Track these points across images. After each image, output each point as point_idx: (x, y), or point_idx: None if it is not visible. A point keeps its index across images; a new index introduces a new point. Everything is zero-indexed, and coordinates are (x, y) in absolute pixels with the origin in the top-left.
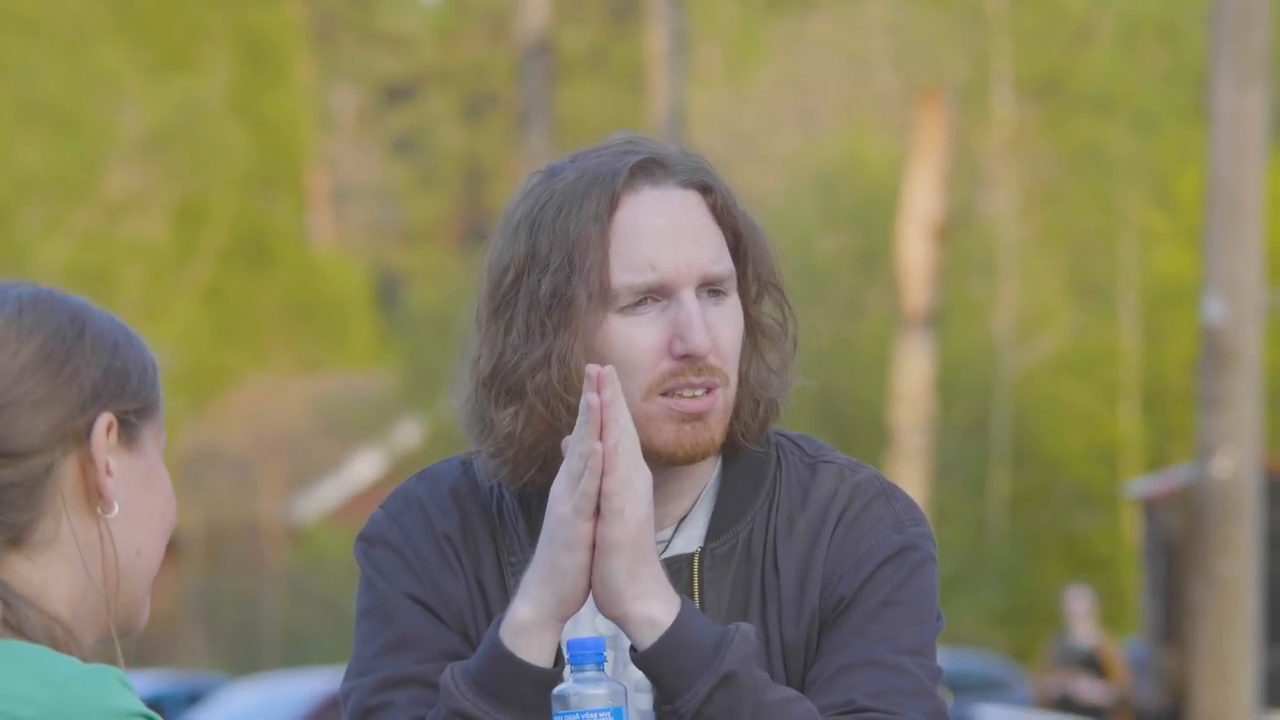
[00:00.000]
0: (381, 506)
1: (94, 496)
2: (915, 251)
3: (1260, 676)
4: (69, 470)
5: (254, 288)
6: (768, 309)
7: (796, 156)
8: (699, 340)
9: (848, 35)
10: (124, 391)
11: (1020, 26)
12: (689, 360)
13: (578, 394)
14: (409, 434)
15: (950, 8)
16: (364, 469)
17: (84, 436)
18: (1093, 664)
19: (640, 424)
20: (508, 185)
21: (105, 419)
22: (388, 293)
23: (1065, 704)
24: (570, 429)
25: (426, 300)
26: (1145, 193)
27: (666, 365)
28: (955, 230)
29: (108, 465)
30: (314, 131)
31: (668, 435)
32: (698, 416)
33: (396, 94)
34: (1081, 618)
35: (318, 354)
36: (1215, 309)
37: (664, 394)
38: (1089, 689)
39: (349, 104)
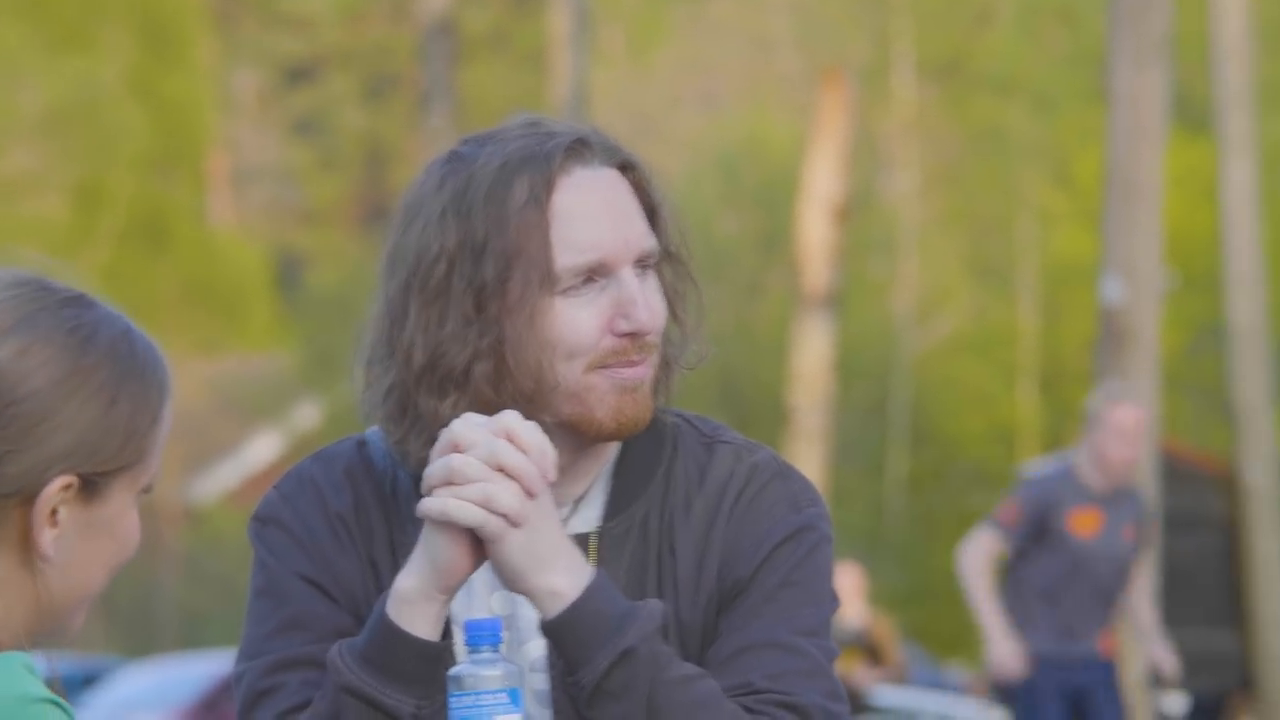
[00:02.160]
0: (275, 487)
1: (31, 543)
2: (815, 232)
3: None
4: (12, 515)
5: (153, 269)
6: (675, 282)
7: (698, 136)
8: (645, 318)
9: (750, 16)
10: (96, 456)
11: (921, 8)
12: (632, 337)
13: (525, 378)
14: (307, 415)
15: None
16: (262, 450)
17: (37, 490)
18: (864, 645)
19: (581, 399)
20: (409, 167)
21: (63, 480)
22: (288, 274)
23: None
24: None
25: (326, 282)
26: (1044, 174)
27: (609, 342)
28: (855, 211)
29: (53, 516)
30: (214, 113)
31: (609, 406)
32: (636, 387)
33: (297, 75)
34: (849, 596)
35: (216, 335)
36: (1113, 290)
37: (602, 367)
38: (863, 674)
39: (250, 85)
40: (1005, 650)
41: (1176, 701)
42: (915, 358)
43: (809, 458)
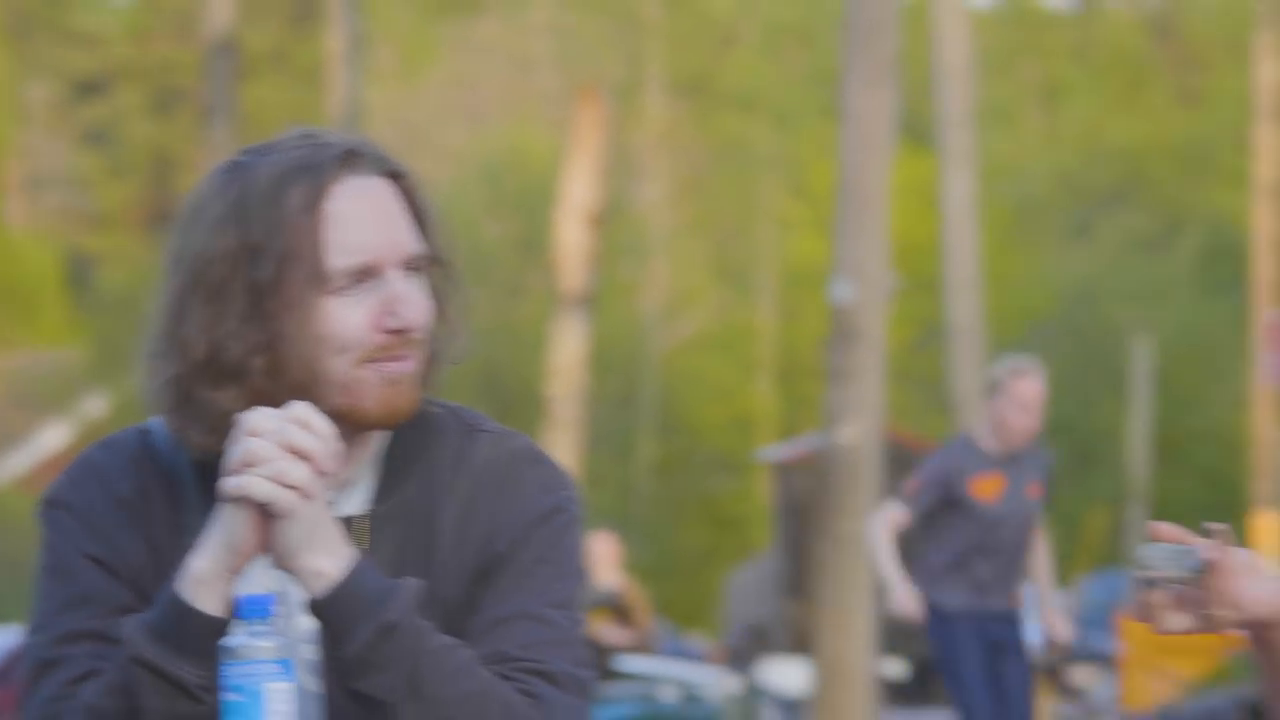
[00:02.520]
0: (63, 472)
1: None
2: (572, 237)
3: (878, 625)
4: None
5: None
6: (440, 283)
7: (464, 149)
8: (411, 316)
9: (512, 37)
10: None
11: (671, 30)
12: (399, 334)
13: (299, 371)
14: (96, 406)
15: (607, 12)
16: (52, 438)
17: None
18: (615, 606)
19: (351, 390)
20: (193, 175)
21: None
22: (78, 274)
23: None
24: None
25: (114, 282)
26: (783, 184)
27: (378, 339)
28: (609, 218)
29: None
30: (8, 123)
31: (377, 397)
32: (402, 380)
33: (88, 89)
34: (604, 562)
35: (10, 331)
36: (843, 291)
37: (373, 361)
38: (611, 633)
39: (42, 97)
40: (904, 595)
41: (1084, 673)
42: (662, 353)
43: (564, 445)
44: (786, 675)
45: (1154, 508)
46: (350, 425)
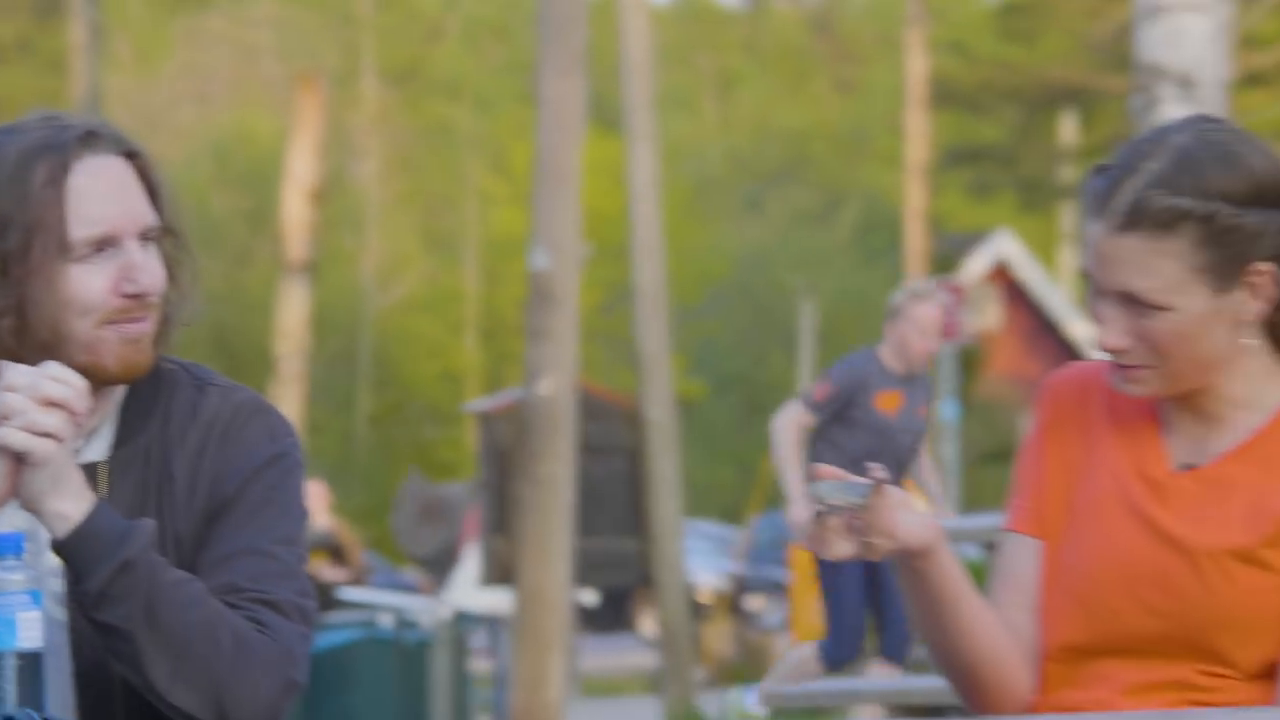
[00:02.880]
0: None
1: None
2: (294, 211)
3: (573, 558)
4: None
5: None
6: (173, 252)
7: (195, 131)
8: (146, 282)
9: (238, 29)
10: None
11: (382, 24)
12: (136, 298)
13: (44, 331)
14: None
15: (323, 7)
16: None
17: None
18: (329, 546)
19: (91, 350)
20: None
21: None
22: None
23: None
24: (35, 363)
25: None
26: (485, 163)
27: (116, 302)
28: (328, 193)
29: None
30: None
31: (116, 355)
32: (139, 339)
33: None
34: (317, 508)
35: None
36: (541, 259)
37: (111, 323)
38: (329, 572)
39: None
40: (800, 509)
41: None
42: (378, 315)
43: (288, 398)
44: (491, 602)
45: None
46: (92, 380)
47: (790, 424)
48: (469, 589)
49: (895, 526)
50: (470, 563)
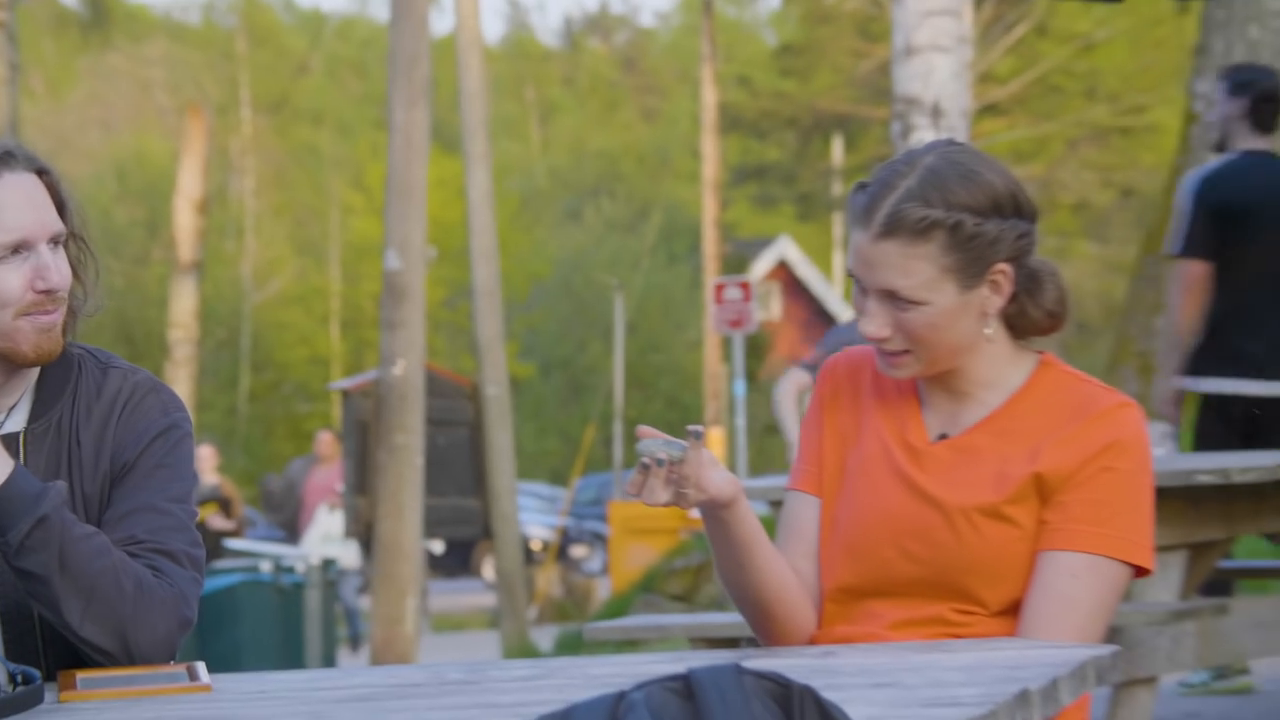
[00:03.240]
0: None
1: None
2: (185, 219)
3: (424, 514)
4: None
5: None
6: (79, 255)
7: (99, 152)
8: (55, 280)
9: (135, 66)
10: None
11: (257, 61)
12: (47, 294)
13: None
14: None
15: (208, 47)
16: None
17: None
18: (219, 499)
19: (10, 337)
20: None
21: None
22: None
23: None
24: None
25: None
26: (346, 180)
27: (30, 297)
28: (213, 204)
29: None
30: None
31: (31, 342)
32: (50, 328)
33: None
34: (206, 467)
35: None
36: (393, 260)
37: (25, 314)
38: (216, 521)
39: None
40: None
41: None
42: (255, 308)
43: (181, 378)
44: (353, 552)
45: (630, 425)
46: (10, 363)
47: (790, 387)
48: (317, 545)
49: (705, 481)
50: (317, 524)
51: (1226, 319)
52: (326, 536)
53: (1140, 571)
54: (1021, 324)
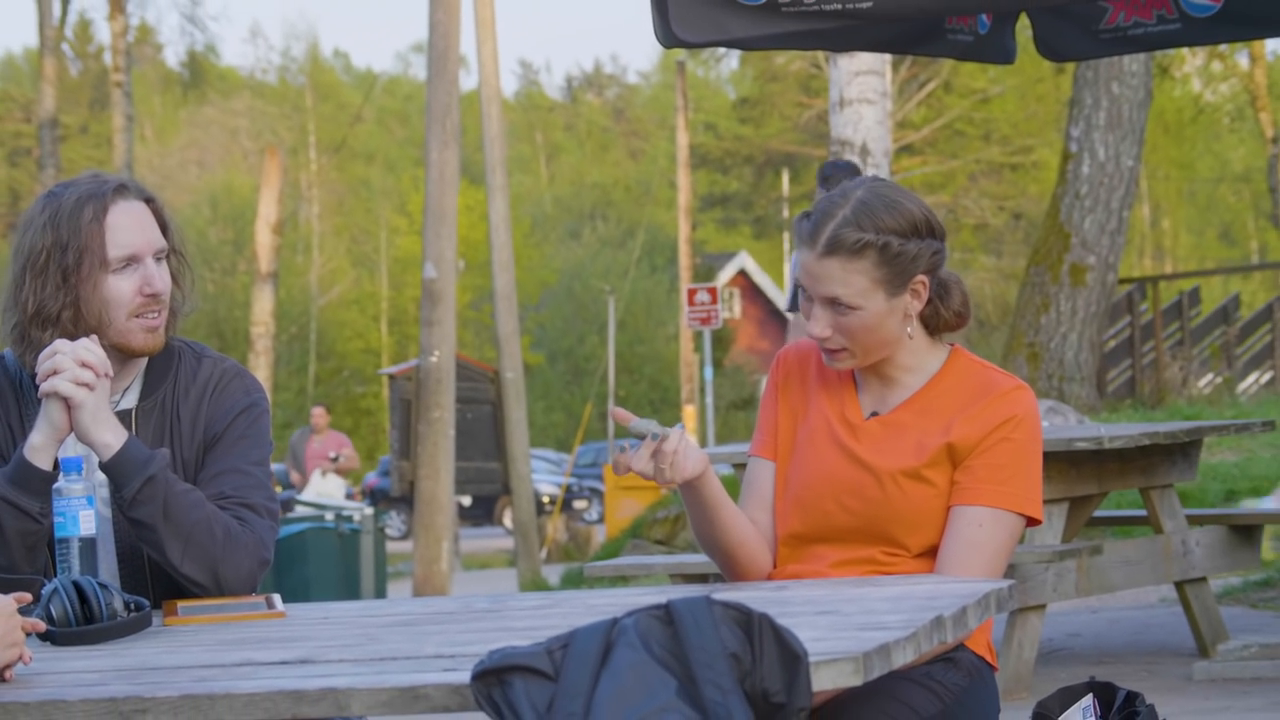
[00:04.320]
0: None
1: None
2: (264, 238)
3: (455, 474)
4: None
5: None
6: (179, 267)
7: (196, 185)
8: (160, 287)
9: (225, 116)
10: None
11: (321, 112)
12: (152, 298)
13: (92, 320)
14: None
15: (282, 101)
16: None
17: None
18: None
19: (123, 334)
20: (30, 202)
21: None
22: None
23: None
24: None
25: None
26: (392, 207)
27: (139, 301)
28: (286, 226)
29: None
30: None
31: (139, 340)
32: (156, 327)
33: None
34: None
35: None
36: (430, 271)
37: (136, 315)
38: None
39: None
40: None
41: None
42: (320, 309)
43: (261, 366)
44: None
45: (621, 402)
46: (124, 354)
47: None
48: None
49: (680, 465)
50: (312, 485)
51: None
52: (319, 494)
53: (1032, 521)
54: (935, 322)
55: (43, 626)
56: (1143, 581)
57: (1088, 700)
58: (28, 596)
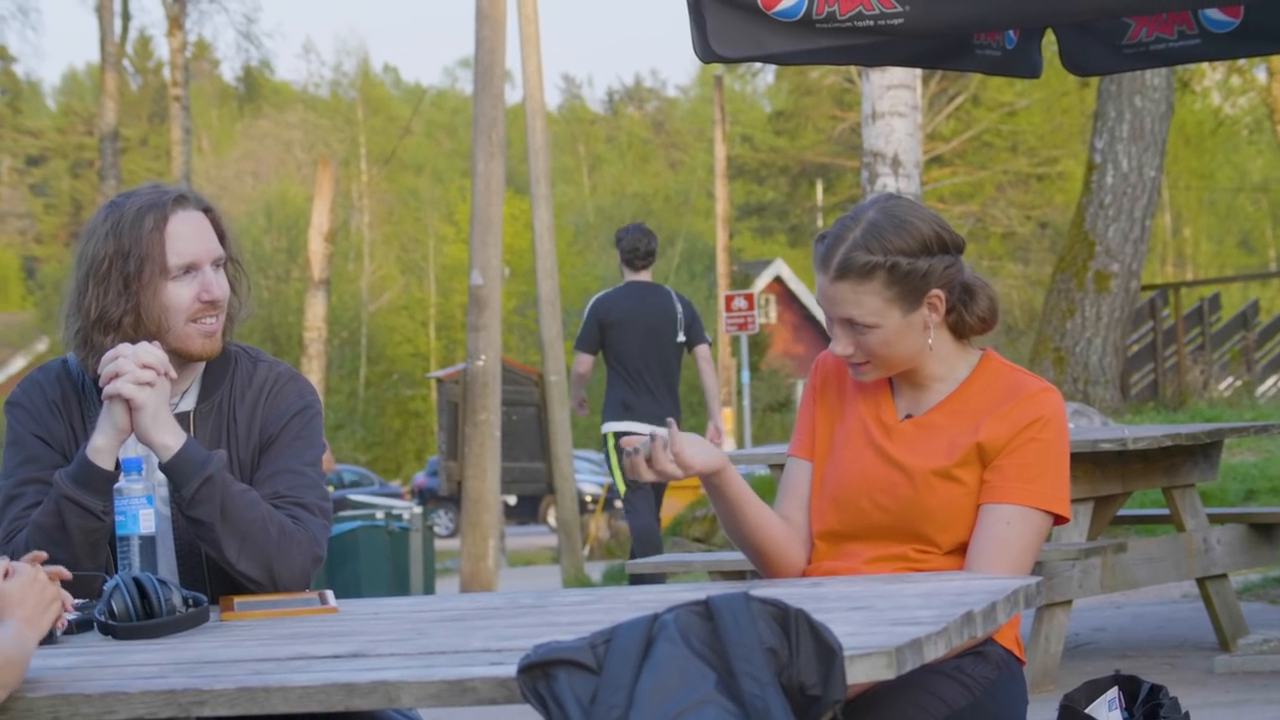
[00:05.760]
0: (18, 384)
1: None
2: (317, 246)
3: (501, 474)
4: None
5: None
6: (236, 274)
7: (252, 195)
8: (218, 293)
9: (279, 129)
10: None
11: (371, 125)
12: (210, 304)
13: (152, 325)
14: (40, 346)
15: (334, 114)
16: (14, 366)
17: None
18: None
19: (182, 339)
20: (93, 211)
21: None
22: (29, 269)
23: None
24: None
25: (50, 273)
26: (440, 216)
27: (197, 307)
28: (338, 235)
29: None
30: None
31: (197, 344)
32: (213, 332)
33: (34, 160)
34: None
35: None
36: (477, 278)
37: (194, 321)
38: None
39: (6, 166)
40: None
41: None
42: (371, 314)
43: (314, 370)
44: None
45: None
46: (183, 358)
47: None
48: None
49: (685, 457)
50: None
51: (618, 384)
52: None
53: (1059, 519)
54: (963, 328)
55: (70, 605)
56: (1165, 578)
57: (1113, 693)
58: (44, 555)
